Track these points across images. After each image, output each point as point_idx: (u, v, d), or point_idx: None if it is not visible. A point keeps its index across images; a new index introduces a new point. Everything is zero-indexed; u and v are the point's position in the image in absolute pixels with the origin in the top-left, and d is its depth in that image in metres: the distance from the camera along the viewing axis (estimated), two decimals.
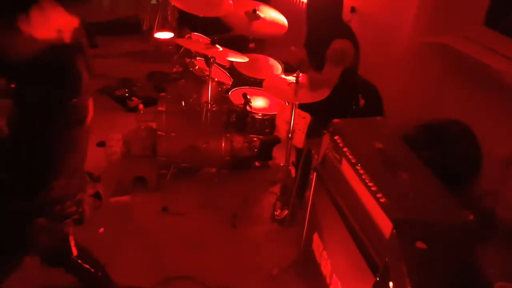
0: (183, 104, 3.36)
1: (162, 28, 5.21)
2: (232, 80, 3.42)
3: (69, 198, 1.74)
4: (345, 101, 3.00)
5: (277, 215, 3.06)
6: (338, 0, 2.94)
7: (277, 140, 3.43)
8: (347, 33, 2.91)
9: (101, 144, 3.63)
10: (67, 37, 1.55)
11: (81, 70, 1.58)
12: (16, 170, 1.55)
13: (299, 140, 2.83)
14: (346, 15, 3.25)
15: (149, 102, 4.07)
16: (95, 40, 5.22)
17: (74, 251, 1.89)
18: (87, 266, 2.08)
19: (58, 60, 1.53)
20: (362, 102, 3.16)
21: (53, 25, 1.49)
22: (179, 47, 3.75)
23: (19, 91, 1.55)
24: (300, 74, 2.73)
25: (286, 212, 3.01)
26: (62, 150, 1.58)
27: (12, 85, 1.55)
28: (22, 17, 1.43)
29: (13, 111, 1.56)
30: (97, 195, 1.92)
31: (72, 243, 1.87)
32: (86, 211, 1.82)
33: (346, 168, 2.05)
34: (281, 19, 3.47)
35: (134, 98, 4.27)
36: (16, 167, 1.55)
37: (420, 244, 1.58)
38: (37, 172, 1.55)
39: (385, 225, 1.68)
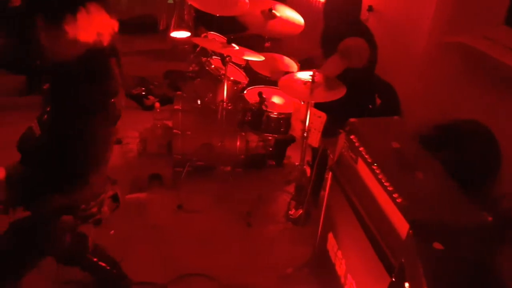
0: (199, 103, 3.38)
1: (179, 27, 5.24)
2: (247, 79, 3.42)
3: (94, 198, 1.77)
4: (361, 101, 2.98)
5: (291, 214, 3.06)
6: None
7: (292, 139, 3.43)
8: (364, 32, 2.88)
9: (117, 141, 3.68)
10: (106, 40, 1.59)
11: (116, 72, 1.62)
12: (53, 168, 1.57)
13: (315, 139, 2.81)
14: (363, 14, 3.23)
15: (165, 101, 4.10)
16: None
17: (90, 248, 1.91)
18: (103, 264, 2.10)
19: (97, 62, 1.58)
20: (378, 101, 3.13)
21: (95, 28, 1.53)
22: (195, 46, 3.77)
23: (57, 91, 1.59)
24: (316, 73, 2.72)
25: (300, 211, 3.00)
26: (97, 147, 1.62)
27: (45, 86, 1.58)
28: (70, 19, 1.46)
29: (47, 112, 1.58)
30: (115, 197, 1.95)
31: (90, 243, 1.88)
32: (106, 212, 1.85)
33: (362, 168, 2.04)
34: (297, 18, 3.46)
35: (150, 97, 4.31)
36: (53, 165, 1.57)
37: (437, 245, 1.56)
38: (78, 170, 1.59)
39: (402, 226, 1.67)
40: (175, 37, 5.13)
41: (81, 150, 1.57)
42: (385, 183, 1.81)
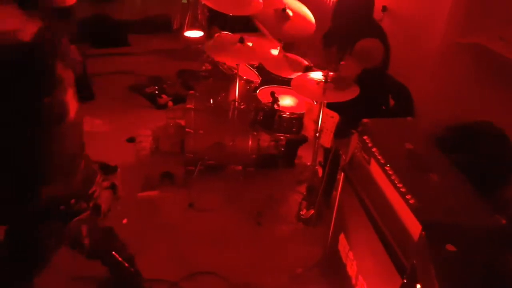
0: (211, 102, 3.39)
1: (192, 27, 5.26)
2: (260, 78, 3.42)
3: (73, 196, 1.70)
4: (374, 102, 2.96)
5: (302, 215, 3.05)
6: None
7: (304, 139, 3.42)
8: (378, 32, 2.87)
9: (131, 140, 3.71)
10: (26, 36, 1.49)
11: (48, 67, 1.51)
12: (3, 179, 1.52)
13: (327, 139, 2.81)
14: (377, 14, 3.20)
15: (178, 100, 4.13)
16: (127, 39, 5.32)
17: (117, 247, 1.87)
18: (123, 261, 2.09)
19: (17, 59, 1.47)
20: (392, 102, 3.11)
21: (7, 25, 1.45)
22: None
23: None
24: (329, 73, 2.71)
25: (312, 211, 3.00)
26: (44, 151, 1.52)
27: None
28: None
29: None
30: (112, 187, 1.90)
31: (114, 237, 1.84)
32: (102, 204, 1.80)
33: (374, 169, 2.03)
34: (310, 17, 3.45)
35: (163, 96, 4.34)
36: (3, 176, 1.51)
37: (449, 247, 1.55)
38: (23, 178, 1.51)
39: (414, 227, 1.65)
40: (189, 37, 5.15)
41: (22, 156, 1.49)
42: (398, 184, 1.80)
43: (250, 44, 3.07)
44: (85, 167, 1.76)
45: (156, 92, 4.39)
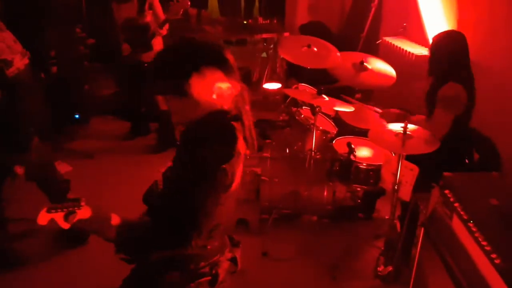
0: (288, 151, 3.45)
1: (271, 79, 5.46)
2: (337, 129, 3.44)
3: (205, 259, 1.73)
4: (457, 154, 2.85)
5: (380, 271, 2.92)
6: (461, 43, 2.85)
7: (382, 192, 3.33)
8: (466, 79, 2.79)
9: None
10: (226, 103, 1.61)
11: (235, 137, 1.59)
12: (164, 225, 1.58)
13: (406, 192, 2.72)
14: None
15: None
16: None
17: None
18: None
19: (215, 125, 1.58)
20: (476, 156, 2.97)
21: (213, 91, 1.55)
22: (286, 96, 3.89)
23: (177, 151, 1.65)
24: (409, 125, 2.67)
25: (390, 268, 2.87)
26: (205, 212, 1.58)
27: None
28: (186, 82, 1.54)
29: (170, 168, 1.66)
30: (233, 260, 1.89)
31: None
32: (221, 274, 1.79)
33: (457, 225, 1.93)
34: (389, 70, 3.46)
35: None
36: (167, 220, 1.58)
37: None
38: (182, 229, 1.57)
39: None
40: (267, 88, 5.34)
41: (188, 212, 1.55)
42: (482, 242, 1.69)
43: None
44: (221, 236, 1.80)
45: None
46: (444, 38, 2.91)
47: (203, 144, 1.55)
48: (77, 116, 4.86)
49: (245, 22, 5.61)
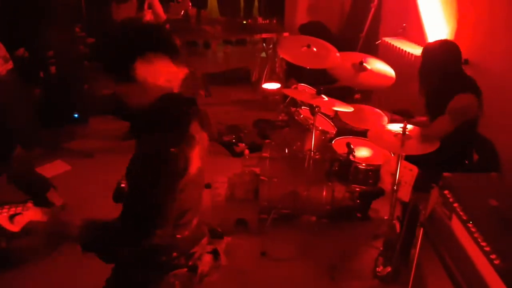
0: (287, 151, 3.44)
1: (270, 79, 5.46)
2: (336, 129, 3.44)
3: (177, 250, 1.71)
4: (457, 155, 2.85)
5: (379, 271, 2.92)
6: (454, 52, 2.86)
7: (381, 192, 3.33)
8: (471, 86, 2.80)
9: (207, 186, 3.83)
10: (175, 86, 1.60)
11: (186, 120, 1.59)
12: (127, 218, 1.57)
13: (405, 193, 2.72)
14: None
15: (254, 148, 4.23)
16: (209, 90, 5.62)
17: None
18: None
19: (165, 109, 1.57)
20: (476, 157, 2.97)
21: (161, 75, 1.54)
22: (285, 96, 3.89)
23: (137, 140, 1.63)
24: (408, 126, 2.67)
25: (389, 268, 2.87)
26: (163, 199, 1.54)
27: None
28: (131, 67, 1.53)
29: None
30: (214, 252, 1.87)
31: None
32: (201, 267, 1.77)
33: (456, 225, 1.93)
34: (389, 70, 3.46)
35: (240, 144, 4.48)
36: (127, 216, 1.56)
37: None
38: (144, 220, 1.54)
39: None
40: (267, 88, 5.34)
41: (145, 202, 1.53)
42: (481, 243, 1.69)
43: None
44: (197, 226, 1.78)
45: (233, 140, 4.55)
46: (438, 47, 2.91)
47: (153, 129, 1.54)
48: (76, 115, 4.86)
49: (244, 22, 5.61)
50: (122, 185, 1.79)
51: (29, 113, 3.32)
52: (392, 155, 2.98)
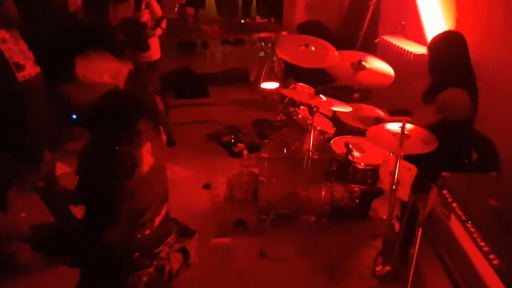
0: (285, 151, 3.43)
1: (269, 79, 5.45)
2: (335, 129, 3.43)
3: (139, 251, 1.67)
4: (456, 155, 2.84)
5: (378, 271, 2.91)
6: (458, 43, 2.83)
7: (380, 192, 3.32)
8: (470, 83, 2.77)
9: (206, 186, 3.83)
10: (121, 83, 1.57)
11: (133, 119, 1.55)
12: (85, 219, 1.55)
13: (404, 192, 2.71)
14: None
15: (253, 148, 4.22)
16: (207, 90, 5.61)
17: None
18: None
19: (111, 105, 1.54)
20: (475, 156, 2.96)
21: (104, 72, 1.51)
22: (284, 96, 3.88)
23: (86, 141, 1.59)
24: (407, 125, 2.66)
25: (388, 268, 2.86)
26: (111, 199, 1.51)
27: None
28: (71, 66, 1.48)
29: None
30: (183, 251, 1.82)
31: None
32: (169, 266, 1.73)
33: (455, 225, 1.92)
34: (388, 69, 3.45)
35: (239, 144, 4.47)
36: (87, 216, 1.55)
37: None
38: (93, 220, 1.53)
39: None
40: (265, 88, 5.33)
41: (96, 201, 1.51)
42: (480, 243, 1.68)
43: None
44: (160, 225, 1.73)
45: (232, 140, 4.54)
46: (442, 40, 2.89)
47: (99, 126, 1.52)
48: (74, 116, 4.83)
49: (242, 21, 5.60)
50: None
51: (54, 114, 3.31)
52: (391, 154, 2.97)
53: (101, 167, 1.49)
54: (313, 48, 3.46)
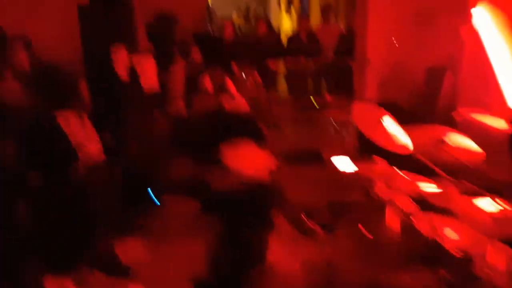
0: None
1: (341, 155, 5.33)
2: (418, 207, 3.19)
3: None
4: None
5: None
6: None
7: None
8: None
9: None
10: (265, 176, 1.55)
11: (270, 214, 1.55)
12: None
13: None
14: None
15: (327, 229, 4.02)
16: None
17: None
18: None
19: (254, 198, 1.53)
20: None
21: (251, 163, 1.52)
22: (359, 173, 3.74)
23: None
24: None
25: None
26: None
27: None
28: (222, 152, 1.48)
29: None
30: None
31: None
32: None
33: None
34: (474, 146, 3.20)
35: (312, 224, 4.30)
36: None
37: None
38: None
39: None
40: (339, 166, 5.18)
41: None
42: None
43: None
44: None
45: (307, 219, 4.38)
46: None
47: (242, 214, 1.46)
48: (150, 192, 4.94)
49: (313, 100, 5.66)
50: None
51: (114, 194, 3.40)
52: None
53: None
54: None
